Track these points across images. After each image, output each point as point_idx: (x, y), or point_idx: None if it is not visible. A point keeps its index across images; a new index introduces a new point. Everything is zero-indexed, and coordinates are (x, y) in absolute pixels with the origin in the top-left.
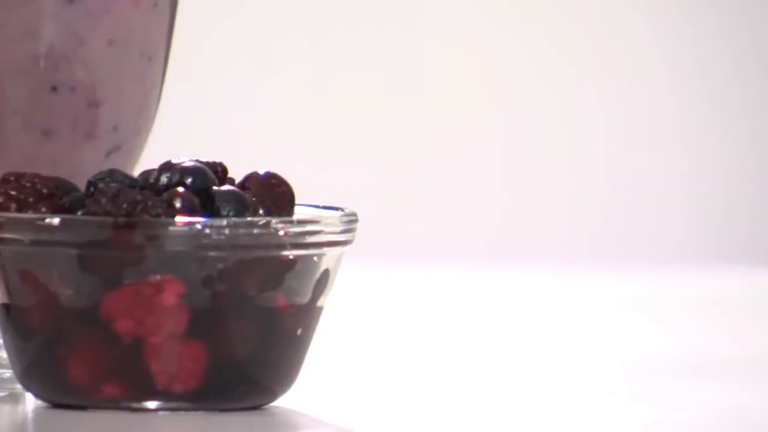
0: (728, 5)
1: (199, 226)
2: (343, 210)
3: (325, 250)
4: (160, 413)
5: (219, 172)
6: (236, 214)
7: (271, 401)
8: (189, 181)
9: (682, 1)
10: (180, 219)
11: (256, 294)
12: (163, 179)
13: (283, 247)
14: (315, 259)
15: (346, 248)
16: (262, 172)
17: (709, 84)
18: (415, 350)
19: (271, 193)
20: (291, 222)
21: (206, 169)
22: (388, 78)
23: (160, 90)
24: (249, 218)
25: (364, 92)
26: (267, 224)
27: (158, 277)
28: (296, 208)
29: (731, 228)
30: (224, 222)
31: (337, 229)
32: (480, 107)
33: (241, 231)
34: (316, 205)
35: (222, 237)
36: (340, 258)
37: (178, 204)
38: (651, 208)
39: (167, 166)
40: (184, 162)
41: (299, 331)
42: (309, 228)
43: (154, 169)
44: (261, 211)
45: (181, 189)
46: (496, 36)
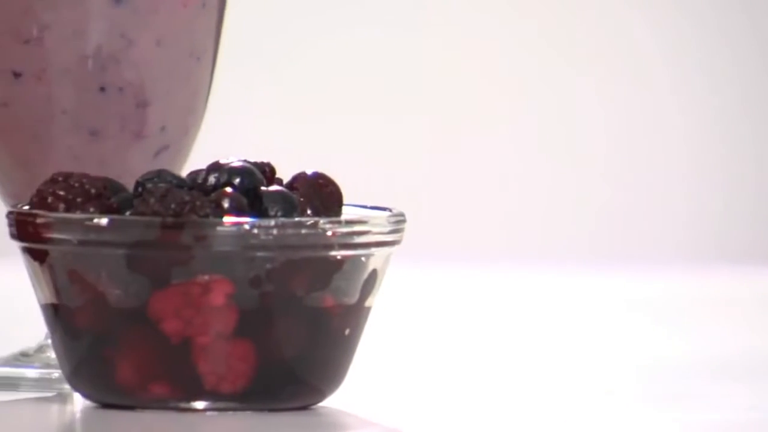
0: (729, 5)
1: (247, 227)
2: (390, 210)
3: (373, 250)
4: (208, 413)
5: (267, 172)
6: (284, 215)
7: (319, 401)
8: (237, 181)
9: (683, 1)
10: (228, 219)
11: (304, 294)
12: (211, 179)
13: (331, 248)
14: (363, 259)
15: (394, 248)
16: (309, 172)
17: (710, 84)
18: (461, 350)
19: (319, 193)
20: (339, 222)
21: (254, 169)
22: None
23: (209, 90)
24: (297, 218)
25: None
26: (315, 224)
27: (206, 277)
28: (344, 208)
29: (732, 228)
30: (272, 222)
31: (385, 230)
32: (480, 107)
33: (289, 231)
34: (364, 205)
35: (270, 237)
36: (388, 258)
37: (226, 204)
38: (651, 207)
39: (215, 167)
40: (232, 162)
41: (347, 331)
42: (357, 228)
43: (202, 170)
44: (309, 212)
45: (229, 189)
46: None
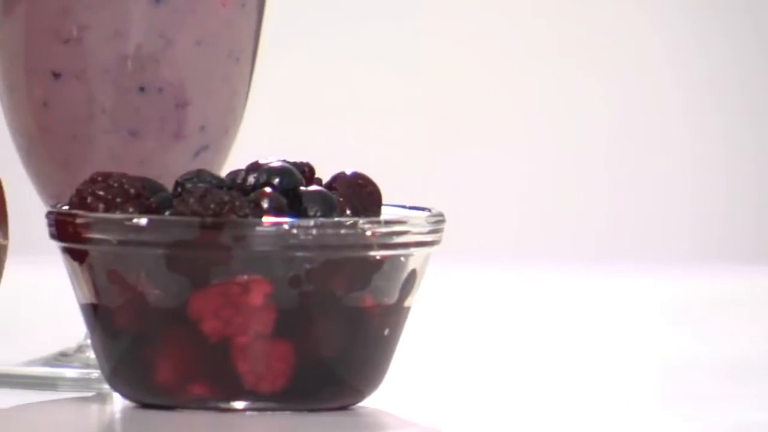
0: (733, 4)
1: (286, 227)
2: (430, 210)
3: (412, 250)
4: (248, 413)
5: (306, 172)
6: (323, 215)
7: (358, 401)
8: (276, 181)
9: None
10: (267, 219)
11: (344, 294)
12: (251, 179)
13: (371, 248)
14: (402, 259)
15: (434, 249)
16: (349, 172)
17: (713, 84)
18: (498, 350)
19: (359, 194)
20: (378, 222)
21: (293, 169)
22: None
23: (248, 90)
24: (336, 218)
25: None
26: (354, 224)
27: (245, 277)
28: (383, 209)
29: (735, 227)
30: (311, 222)
31: (424, 230)
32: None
33: (329, 231)
34: (403, 206)
35: (309, 237)
36: (427, 258)
37: (265, 204)
38: (654, 207)
39: (254, 167)
40: (272, 162)
41: (386, 332)
42: (396, 228)
43: (241, 170)
44: (348, 212)
45: (268, 189)
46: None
